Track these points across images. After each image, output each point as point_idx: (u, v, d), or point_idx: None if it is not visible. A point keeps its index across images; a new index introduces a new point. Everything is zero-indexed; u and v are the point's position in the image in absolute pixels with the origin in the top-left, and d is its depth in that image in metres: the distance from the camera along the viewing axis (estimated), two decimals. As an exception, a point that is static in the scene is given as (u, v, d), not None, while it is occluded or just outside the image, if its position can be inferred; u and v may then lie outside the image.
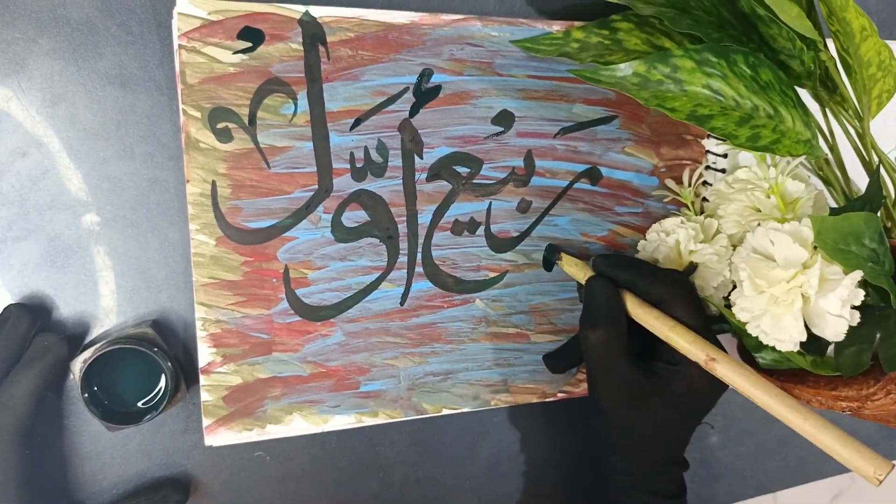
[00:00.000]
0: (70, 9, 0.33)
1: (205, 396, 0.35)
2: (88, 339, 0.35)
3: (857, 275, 0.32)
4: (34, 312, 0.34)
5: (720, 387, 0.35)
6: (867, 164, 0.39)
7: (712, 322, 0.39)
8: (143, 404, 0.34)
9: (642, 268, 0.37)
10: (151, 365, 0.34)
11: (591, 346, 0.35)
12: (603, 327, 0.35)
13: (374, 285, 0.38)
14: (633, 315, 0.35)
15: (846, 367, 0.35)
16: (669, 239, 0.39)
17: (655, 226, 0.40)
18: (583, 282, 0.38)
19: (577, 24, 0.40)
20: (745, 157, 0.43)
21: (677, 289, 0.35)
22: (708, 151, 0.44)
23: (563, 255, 0.40)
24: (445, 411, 0.40)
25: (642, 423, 0.35)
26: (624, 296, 0.36)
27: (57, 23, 0.33)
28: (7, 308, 0.33)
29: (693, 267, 0.38)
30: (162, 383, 0.34)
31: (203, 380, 0.35)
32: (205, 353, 0.35)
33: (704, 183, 0.44)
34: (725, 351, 0.33)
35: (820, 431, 0.29)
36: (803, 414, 0.30)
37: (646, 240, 0.41)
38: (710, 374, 0.33)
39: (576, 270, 0.39)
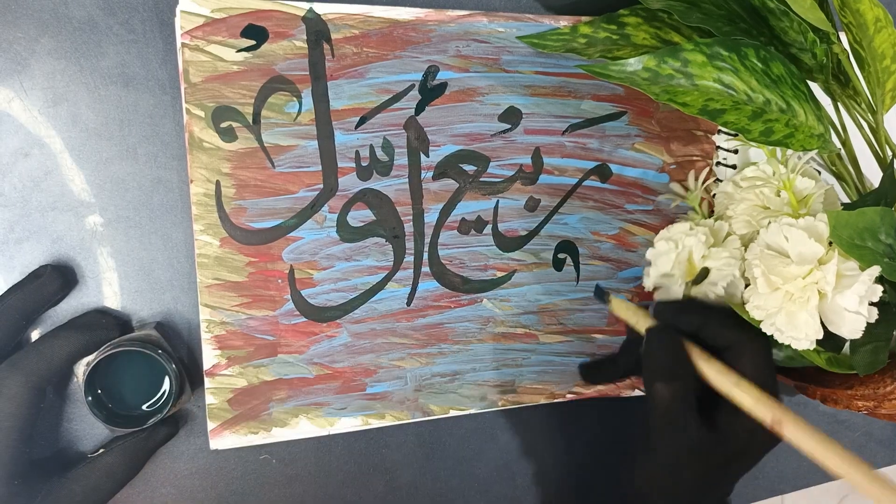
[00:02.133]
0: (72, 7, 0.33)
1: (209, 399, 0.35)
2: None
3: (875, 270, 0.31)
4: (67, 278, 0.34)
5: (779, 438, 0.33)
6: (881, 159, 0.39)
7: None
8: (147, 407, 0.34)
9: (709, 313, 0.34)
10: (156, 367, 0.34)
11: (660, 401, 0.32)
12: (675, 383, 0.32)
13: (380, 285, 0.38)
14: (696, 367, 0.33)
15: (862, 365, 0.34)
16: (682, 252, 0.37)
17: (663, 233, 0.38)
18: (640, 329, 0.35)
19: (584, 19, 0.39)
20: (756, 152, 0.42)
21: (745, 338, 0.32)
22: (718, 147, 0.43)
23: (612, 298, 0.37)
24: (453, 412, 0.39)
25: (700, 473, 0.32)
26: (687, 346, 0.33)
27: (59, 22, 0.33)
28: (43, 266, 0.34)
29: (705, 272, 0.37)
30: (166, 386, 0.34)
31: (208, 382, 0.35)
32: (209, 356, 0.35)
33: (716, 180, 0.43)
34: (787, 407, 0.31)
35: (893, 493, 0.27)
36: (879, 483, 0.28)
37: (654, 247, 0.39)
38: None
39: (629, 315, 0.36)
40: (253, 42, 0.34)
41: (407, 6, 0.37)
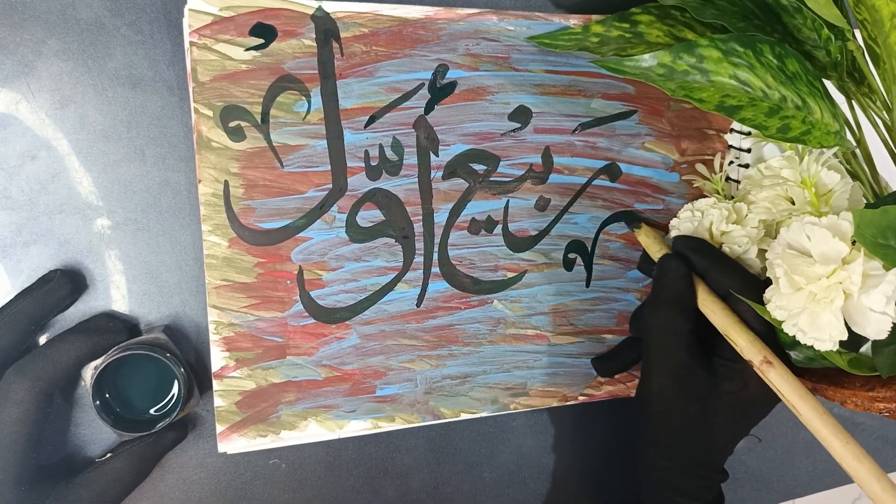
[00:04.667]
0: (79, 9, 0.33)
1: (218, 402, 0.34)
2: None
3: (900, 270, 0.31)
4: (76, 283, 0.34)
5: (775, 397, 0.34)
6: (897, 157, 0.38)
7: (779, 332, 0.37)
8: (155, 411, 0.34)
9: (720, 258, 0.36)
10: (164, 371, 0.33)
11: (654, 326, 0.34)
12: (670, 308, 0.34)
13: (389, 286, 0.37)
14: (700, 303, 0.35)
15: (885, 366, 0.33)
16: (704, 220, 0.38)
17: (688, 205, 0.39)
18: (656, 257, 0.37)
19: (595, 17, 0.39)
20: (770, 151, 0.42)
21: (750, 286, 0.34)
22: (731, 146, 0.43)
23: (643, 224, 0.39)
24: (463, 416, 0.39)
25: (690, 417, 0.34)
26: (695, 282, 0.35)
27: (66, 23, 0.33)
28: (52, 271, 0.33)
29: None
30: (175, 390, 0.34)
31: (216, 385, 0.34)
32: (218, 358, 0.34)
33: (728, 179, 0.43)
34: (788, 362, 0.32)
35: (858, 461, 0.29)
36: (844, 439, 0.29)
37: (678, 218, 0.40)
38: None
39: (651, 242, 0.38)
40: (261, 41, 0.34)
41: (416, 4, 0.36)
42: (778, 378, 0.31)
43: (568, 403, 0.41)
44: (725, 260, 0.36)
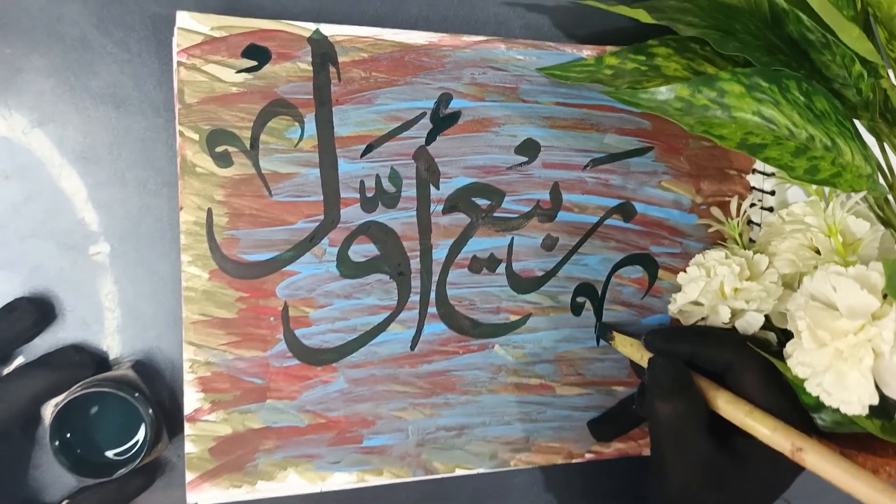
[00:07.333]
0: (65, 25, 0.32)
1: (189, 447, 0.32)
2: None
3: (939, 328, 0.28)
4: (43, 312, 0.32)
5: None
6: (934, 205, 0.35)
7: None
8: (119, 455, 0.31)
9: (701, 336, 0.33)
10: (131, 411, 0.31)
11: (664, 420, 0.31)
12: (677, 399, 0.31)
13: (382, 327, 0.35)
14: (706, 397, 0.32)
15: (923, 434, 0.30)
16: (713, 281, 0.35)
17: (698, 257, 0.37)
18: (642, 362, 0.34)
19: (609, 49, 0.37)
20: (795, 194, 0.39)
21: (744, 355, 0.31)
22: (753, 188, 0.40)
23: (615, 334, 0.37)
24: (459, 471, 0.36)
25: (715, 501, 0.31)
26: (694, 376, 0.32)
27: (50, 39, 0.31)
28: (18, 299, 0.31)
29: None
30: (141, 432, 0.31)
31: (188, 428, 0.32)
32: (192, 399, 0.32)
33: (749, 222, 0.40)
34: (812, 426, 0.30)
35: None
36: None
37: (685, 273, 0.37)
38: None
39: (632, 351, 0.36)
40: (254, 63, 0.32)
41: (419, 30, 0.35)
42: (818, 462, 0.28)
43: (574, 461, 0.38)
44: (707, 335, 0.34)
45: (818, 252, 0.35)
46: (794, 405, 0.31)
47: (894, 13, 0.30)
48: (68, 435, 0.30)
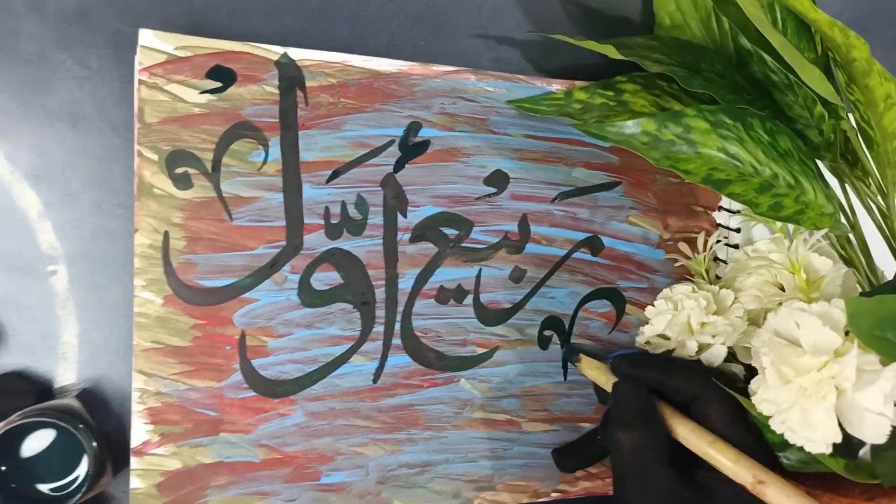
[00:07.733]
0: (21, 39, 0.31)
1: (135, 483, 0.30)
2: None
3: (901, 366, 0.28)
4: None
5: None
6: (893, 245, 0.36)
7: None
8: (57, 490, 0.29)
9: (669, 364, 0.33)
10: (73, 443, 0.29)
11: (624, 451, 0.30)
12: (638, 429, 0.30)
13: (343, 358, 0.34)
14: (668, 426, 0.32)
15: (887, 474, 0.30)
16: (680, 315, 0.35)
17: (665, 291, 0.37)
18: (607, 387, 0.34)
19: (578, 83, 0.37)
20: (760, 232, 0.40)
21: (711, 386, 0.31)
22: (719, 225, 0.41)
23: (582, 356, 0.36)
24: (420, 510, 0.35)
25: None
26: (658, 404, 0.32)
27: (4, 54, 0.31)
28: None
29: None
30: (83, 466, 0.29)
31: (134, 462, 0.30)
32: (139, 431, 0.30)
33: (716, 259, 0.40)
34: (776, 463, 0.30)
35: None
36: None
37: (653, 306, 0.37)
38: None
39: (598, 374, 0.35)
40: (219, 84, 0.32)
41: (389, 57, 0.34)
42: (778, 496, 0.28)
43: (540, 500, 0.37)
44: (676, 365, 0.34)
45: (782, 289, 0.35)
46: (757, 440, 0.31)
47: (852, 57, 0.31)
48: (3, 468, 0.28)
